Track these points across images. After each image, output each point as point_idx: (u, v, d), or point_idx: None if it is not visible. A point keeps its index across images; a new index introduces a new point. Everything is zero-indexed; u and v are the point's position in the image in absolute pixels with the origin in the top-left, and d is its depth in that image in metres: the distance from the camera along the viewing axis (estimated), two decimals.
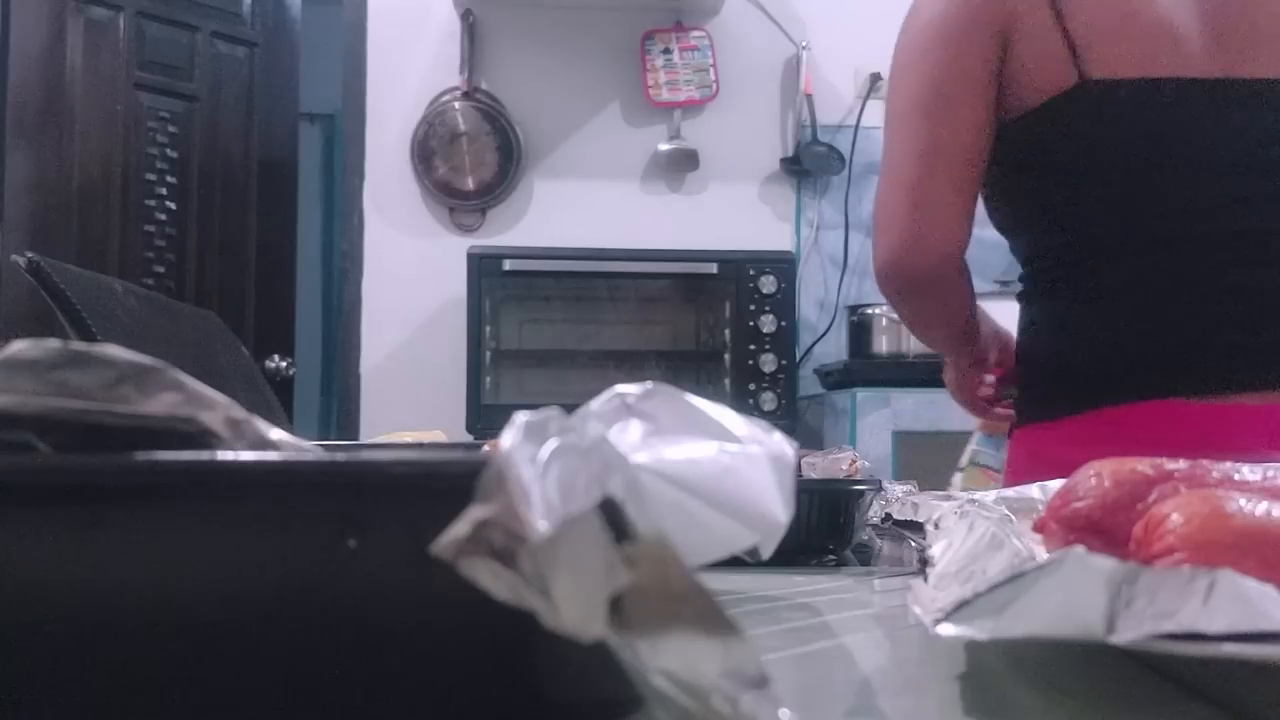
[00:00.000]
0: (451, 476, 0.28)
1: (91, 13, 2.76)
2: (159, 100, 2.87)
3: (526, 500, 0.25)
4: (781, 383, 2.59)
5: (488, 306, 2.62)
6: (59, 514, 0.30)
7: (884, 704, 0.39)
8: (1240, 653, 0.31)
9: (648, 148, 2.94)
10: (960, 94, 1.13)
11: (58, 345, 0.31)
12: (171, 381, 0.32)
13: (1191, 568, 0.33)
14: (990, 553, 0.48)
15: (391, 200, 2.92)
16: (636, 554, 0.25)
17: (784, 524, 0.38)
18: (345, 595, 0.30)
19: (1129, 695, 0.39)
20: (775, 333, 2.59)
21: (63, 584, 0.30)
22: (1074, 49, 1.09)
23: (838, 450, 1.03)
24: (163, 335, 1.14)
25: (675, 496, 0.35)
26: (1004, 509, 0.57)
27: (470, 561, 0.26)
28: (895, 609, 0.57)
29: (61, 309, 0.94)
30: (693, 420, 0.38)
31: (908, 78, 1.17)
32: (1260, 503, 0.41)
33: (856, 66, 2.96)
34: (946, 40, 1.14)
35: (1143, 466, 0.50)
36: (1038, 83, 1.11)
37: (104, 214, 2.76)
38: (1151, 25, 1.10)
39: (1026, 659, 0.43)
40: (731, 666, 0.25)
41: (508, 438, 0.28)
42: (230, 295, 2.94)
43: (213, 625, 0.30)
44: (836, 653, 0.48)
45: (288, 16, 3.15)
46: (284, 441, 0.33)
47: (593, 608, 0.25)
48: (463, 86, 2.89)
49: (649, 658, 0.25)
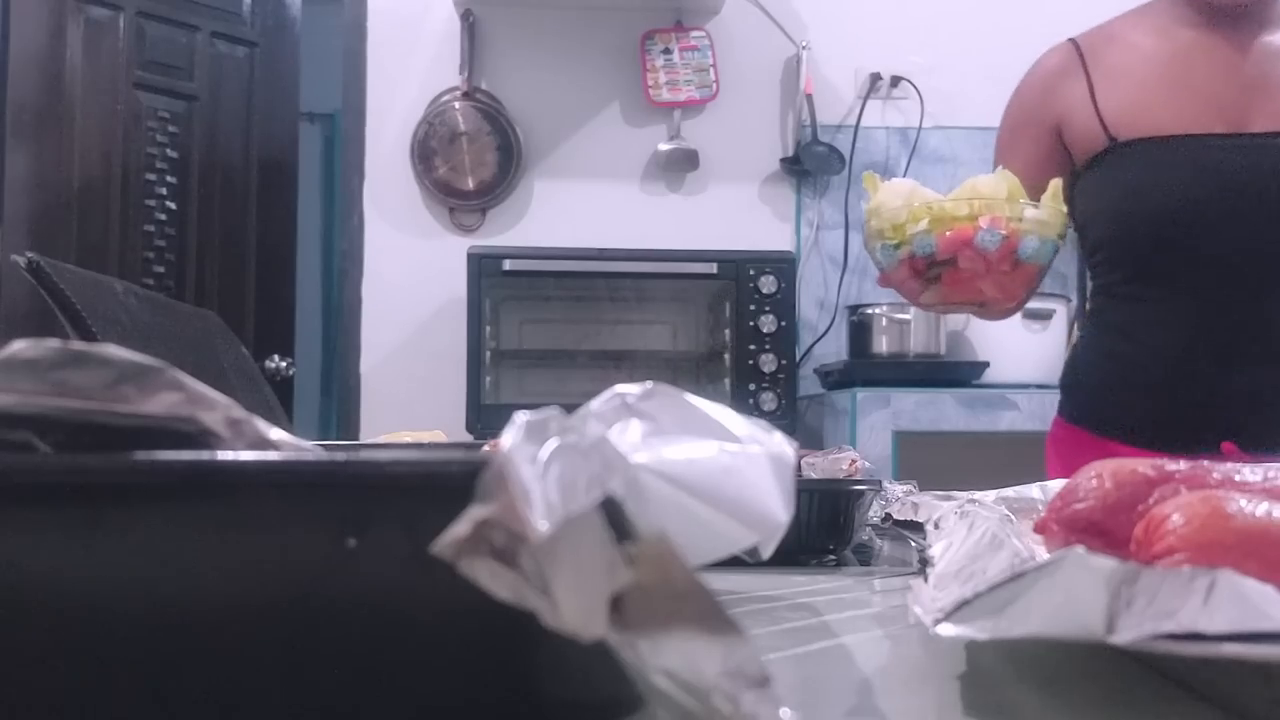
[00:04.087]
0: (451, 476, 0.28)
1: (91, 13, 2.76)
2: (159, 100, 2.87)
3: (527, 500, 0.25)
4: (781, 383, 2.59)
5: (488, 306, 2.62)
6: (59, 514, 0.30)
7: (884, 704, 0.39)
8: (1240, 653, 0.31)
9: (648, 148, 2.94)
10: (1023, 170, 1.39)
11: (58, 345, 0.31)
12: (171, 381, 0.32)
13: (1192, 568, 0.33)
14: (990, 553, 0.48)
15: (391, 200, 2.92)
16: (637, 553, 0.25)
17: (784, 524, 0.38)
18: (345, 595, 0.30)
19: (1129, 695, 0.39)
20: (775, 333, 2.59)
21: (63, 584, 0.30)
22: (1104, 122, 1.36)
23: (838, 450, 1.02)
24: (163, 335, 1.14)
25: (675, 496, 0.35)
26: (1004, 509, 0.57)
27: (470, 561, 0.26)
28: (895, 609, 0.57)
29: (61, 309, 0.94)
30: (693, 420, 0.38)
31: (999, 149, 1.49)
32: (1261, 503, 0.41)
33: (856, 66, 2.96)
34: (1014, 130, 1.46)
35: (1143, 468, 0.50)
36: (1080, 154, 1.39)
37: (104, 214, 2.76)
38: (1167, 96, 1.35)
39: (1026, 659, 0.43)
40: (732, 666, 0.25)
41: (508, 438, 0.28)
42: (230, 295, 2.94)
43: (213, 625, 0.30)
44: (836, 653, 0.48)
45: (288, 16, 3.15)
46: (284, 441, 0.33)
47: (593, 607, 0.25)
48: (463, 86, 2.89)
49: (650, 657, 0.25)
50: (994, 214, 1.09)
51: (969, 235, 1.09)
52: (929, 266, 1.13)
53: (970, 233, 1.09)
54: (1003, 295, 1.16)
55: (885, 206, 1.14)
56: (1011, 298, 1.19)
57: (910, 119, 2.95)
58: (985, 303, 1.18)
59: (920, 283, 1.15)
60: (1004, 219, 1.09)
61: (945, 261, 1.11)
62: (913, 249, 1.12)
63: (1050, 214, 1.12)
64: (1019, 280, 1.14)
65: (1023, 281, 1.15)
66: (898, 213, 1.13)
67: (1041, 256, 1.11)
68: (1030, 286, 1.21)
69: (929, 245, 1.10)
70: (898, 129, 2.96)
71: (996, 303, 1.19)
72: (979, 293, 1.14)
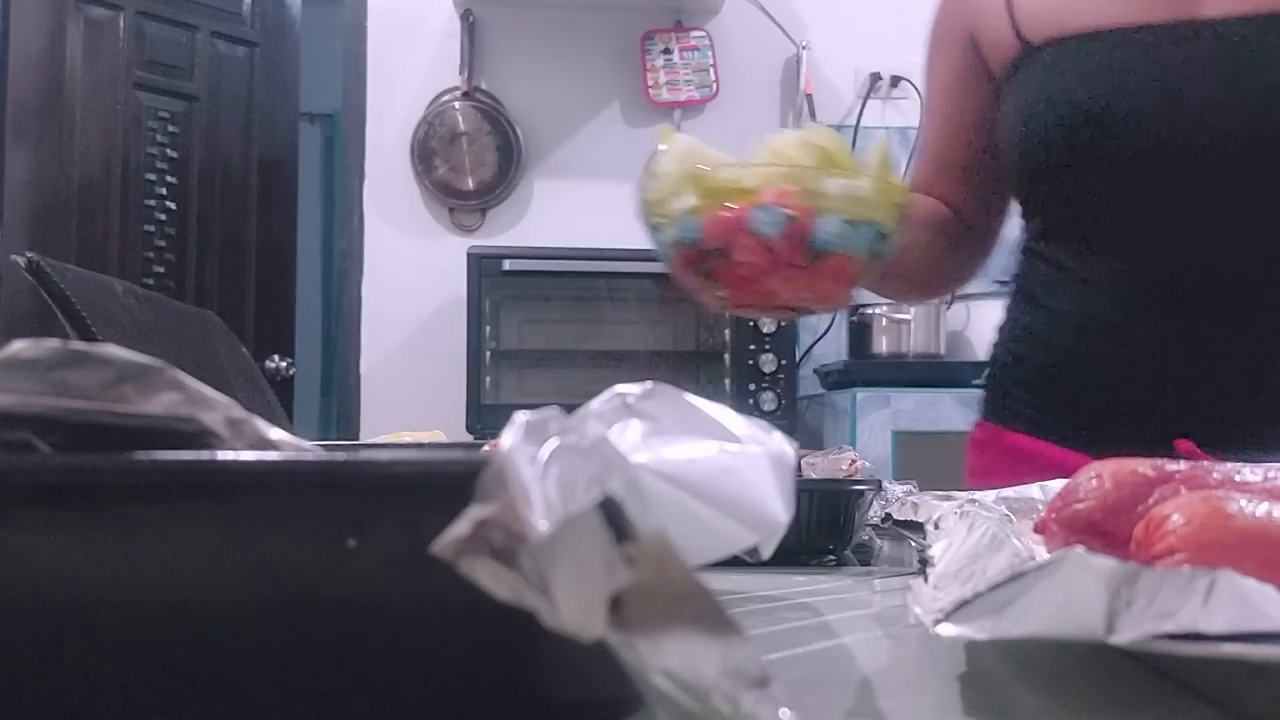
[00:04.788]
0: (451, 476, 0.28)
1: (91, 12, 2.76)
2: (159, 100, 2.87)
3: (526, 500, 0.25)
4: (781, 383, 2.59)
5: (488, 306, 2.62)
6: (59, 514, 0.30)
7: (884, 704, 0.39)
8: (1240, 653, 0.31)
9: (648, 148, 2.93)
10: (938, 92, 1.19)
11: (58, 345, 0.31)
12: (171, 381, 0.32)
13: (1191, 568, 0.33)
14: (990, 553, 0.48)
15: (391, 200, 2.92)
16: (637, 553, 0.25)
17: (784, 524, 0.38)
18: (345, 595, 0.30)
19: (1129, 695, 0.39)
20: (775, 333, 2.59)
21: (63, 584, 0.30)
22: (1015, 22, 1.06)
23: (838, 450, 1.02)
24: (163, 335, 1.14)
25: (675, 496, 0.35)
26: (1004, 509, 0.57)
27: (470, 561, 0.26)
28: (895, 609, 0.57)
29: (61, 309, 0.94)
30: (693, 420, 0.38)
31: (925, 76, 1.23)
32: (1261, 503, 0.41)
33: (856, 66, 2.96)
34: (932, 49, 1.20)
35: (1143, 468, 0.50)
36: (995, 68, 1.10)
37: (104, 214, 2.76)
38: None
39: (1026, 659, 0.43)
40: (732, 666, 0.25)
41: (508, 438, 0.28)
42: (230, 295, 2.94)
43: (212, 625, 0.30)
44: (836, 653, 0.48)
45: (288, 16, 3.15)
46: (284, 441, 0.33)
47: (593, 607, 0.25)
48: (463, 86, 2.89)
49: (649, 657, 0.25)
50: (779, 187, 0.78)
51: (743, 217, 0.79)
52: (700, 258, 0.82)
53: (743, 213, 0.79)
54: (811, 298, 0.85)
55: (661, 173, 0.85)
56: (823, 300, 0.86)
57: (910, 119, 2.95)
58: (792, 307, 0.87)
59: (698, 278, 0.85)
60: (793, 193, 0.78)
61: (717, 252, 0.80)
62: (678, 234, 0.82)
63: (871, 188, 0.81)
64: (827, 278, 0.81)
65: (835, 279, 0.82)
66: (667, 184, 0.84)
67: (853, 245, 0.80)
68: (850, 284, 0.85)
69: (694, 229, 0.81)
70: (898, 129, 2.96)
71: (804, 306, 0.88)
72: (770, 294, 0.83)
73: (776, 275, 0.80)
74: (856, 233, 0.80)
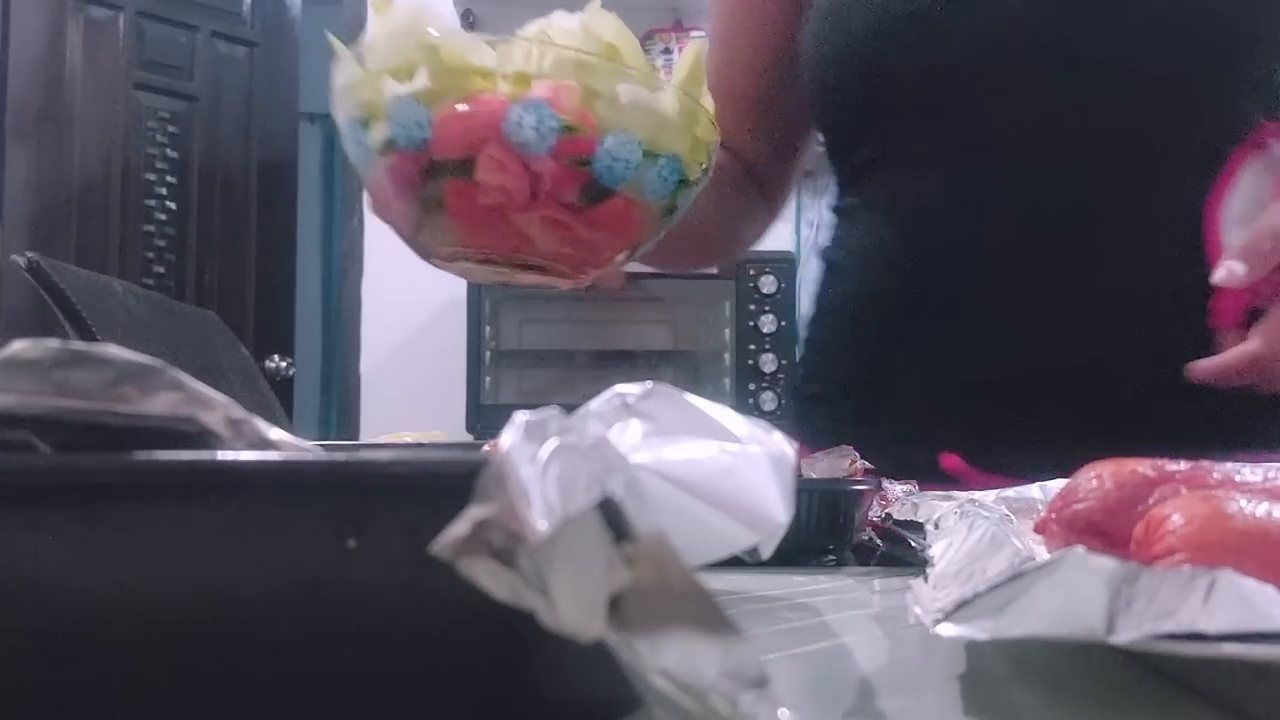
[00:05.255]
0: (451, 476, 0.28)
1: (91, 13, 2.76)
2: (159, 100, 2.87)
3: (526, 500, 0.25)
4: (781, 383, 2.59)
5: (488, 306, 2.62)
6: (59, 514, 0.30)
7: (884, 704, 0.39)
8: (1240, 653, 0.31)
9: None
10: None
11: (58, 345, 0.31)
12: (171, 381, 0.32)
13: (1192, 568, 0.33)
14: (990, 553, 0.48)
15: None
16: (636, 554, 0.25)
17: (784, 524, 0.38)
18: (345, 595, 0.30)
19: (1129, 695, 0.39)
20: (775, 333, 2.59)
21: (62, 584, 0.30)
22: None
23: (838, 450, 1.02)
24: (163, 335, 1.14)
25: (675, 496, 0.35)
26: (1004, 509, 0.57)
27: (470, 561, 0.26)
28: (895, 609, 0.57)
29: (61, 309, 0.94)
30: (693, 420, 0.38)
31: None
32: (1261, 504, 0.41)
33: None
34: None
35: (1143, 468, 0.50)
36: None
37: (104, 214, 2.76)
38: None
39: (1026, 659, 0.43)
40: (731, 666, 0.25)
41: (508, 438, 0.28)
42: (230, 295, 2.94)
43: (212, 625, 0.30)
44: (836, 653, 0.48)
45: (288, 16, 3.15)
46: (284, 441, 0.33)
47: (592, 607, 0.25)
48: None
49: (648, 657, 0.25)
50: (554, 80, 0.55)
51: (496, 114, 0.54)
52: (423, 174, 0.56)
53: (498, 110, 0.54)
54: (573, 255, 0.58)
55: (373, 44, 0.57)
56: (587, 263, 0.60)
57: None
58: (543, 266, 0.59)
59: (415, 205, 0.58)
60: (572, 92, 0.54)
61: (451, 165, 0.55)
62: (394, 132, 0.55)
63: (676, 107, 0.56)
64: (605, 227, 0.56)
65: (614, 230, 0.57)
66: (382, 57, 0.56)
67: (647, 184, 0.56)
68: (629, 244, 0.60)
69: (418, 126, 0.54)
70: None
71: (558, 270, 0.59)
72: (518, 241, 0.56)
73: (534, 212, 0.55)
74: (654, 167, 0.56)
